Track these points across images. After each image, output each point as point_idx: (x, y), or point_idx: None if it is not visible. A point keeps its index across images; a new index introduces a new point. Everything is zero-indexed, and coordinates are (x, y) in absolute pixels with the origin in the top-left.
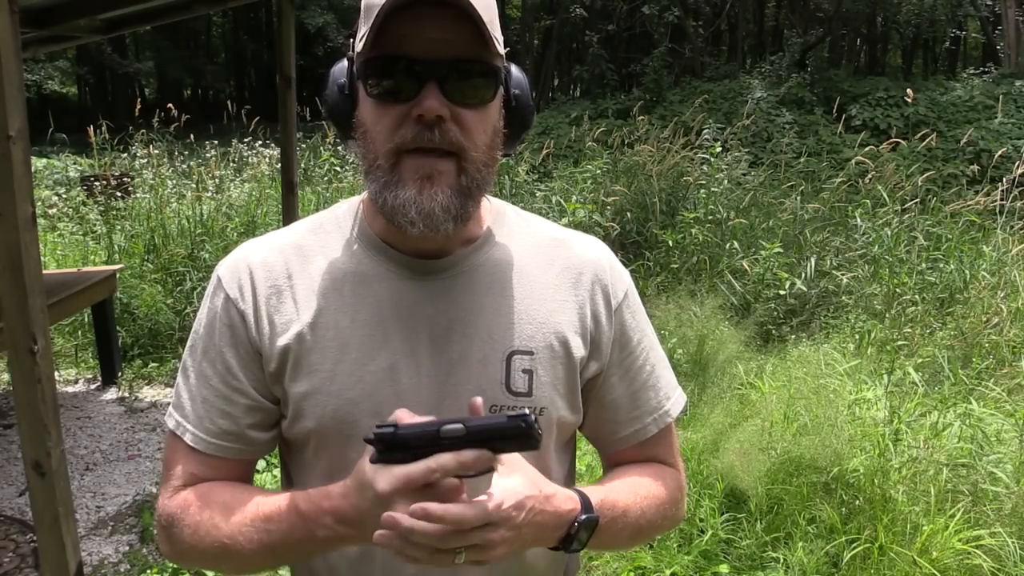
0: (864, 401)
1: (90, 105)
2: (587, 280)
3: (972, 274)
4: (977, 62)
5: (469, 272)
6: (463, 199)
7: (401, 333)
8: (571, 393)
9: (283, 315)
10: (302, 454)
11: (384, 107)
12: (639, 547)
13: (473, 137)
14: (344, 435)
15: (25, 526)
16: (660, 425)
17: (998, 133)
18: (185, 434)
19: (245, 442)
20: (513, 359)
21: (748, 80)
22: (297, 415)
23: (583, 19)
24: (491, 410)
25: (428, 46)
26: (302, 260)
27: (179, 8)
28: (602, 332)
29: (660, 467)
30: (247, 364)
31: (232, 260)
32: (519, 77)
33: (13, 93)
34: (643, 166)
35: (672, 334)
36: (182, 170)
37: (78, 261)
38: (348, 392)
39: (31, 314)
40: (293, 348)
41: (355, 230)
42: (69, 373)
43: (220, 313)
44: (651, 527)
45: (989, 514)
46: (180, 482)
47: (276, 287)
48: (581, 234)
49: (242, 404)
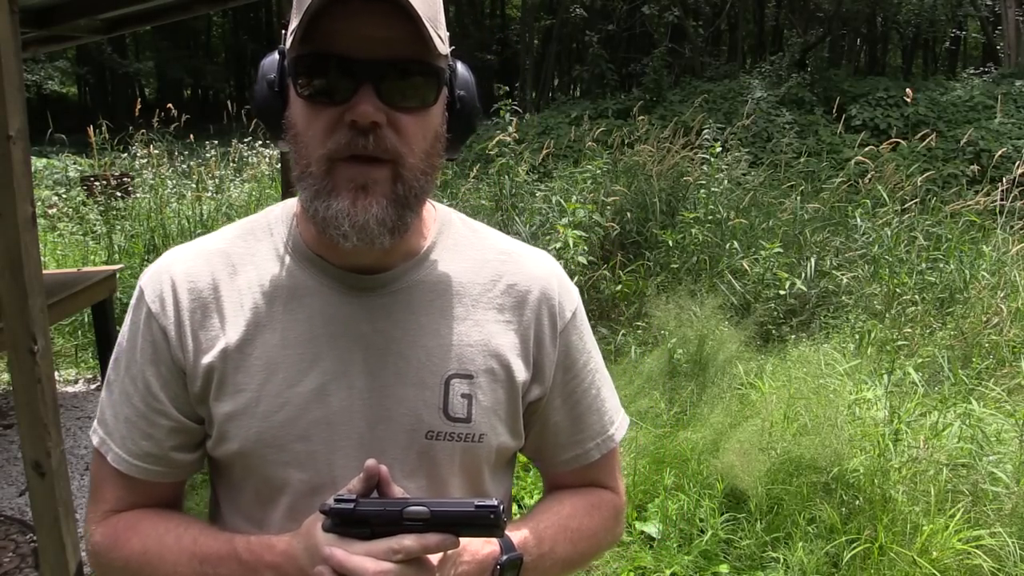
0: (864, 401)
1: (90, 105)
2: (533, 299)
3: (972, 274)
4: (977, 62)
5: (409, 289)
6: (400, 210)
7: (333, 352)
8: (512, 419)
9: (208, 331)
10: (229, 475)
11: (316, 109)
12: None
13: (411, 143)
14: (268, 460)
15: (25, 526)
16: (603, 450)
17: (998, 133)
18: (108, 453)
19: (169, 464)
20: (452, 383)
21: (748, 80)
22: (221, 437)
23: (583, 19)
24: (427, 436)
25: (363, 44)
26: (230, 271)
27: (179, 8)
28: (545, 355)
29: (598, 492)
30: (169, 384)
31: (155, 270)
32: (465, 76)
33: (13, 93)
34: (643, 166)
35: (672, 334)
36: (182, 170)
37: (78, 261)
38: (274, 415)
39: (31, 314)
40: (218, 367)
41: (288, 239)
42: (69, 373)
43: (142, 328)
44: (583, 558)
45: (989, 514)
46: (109, 506)
47: (201, 301)
48: (530, 248)
49: (164, 426)
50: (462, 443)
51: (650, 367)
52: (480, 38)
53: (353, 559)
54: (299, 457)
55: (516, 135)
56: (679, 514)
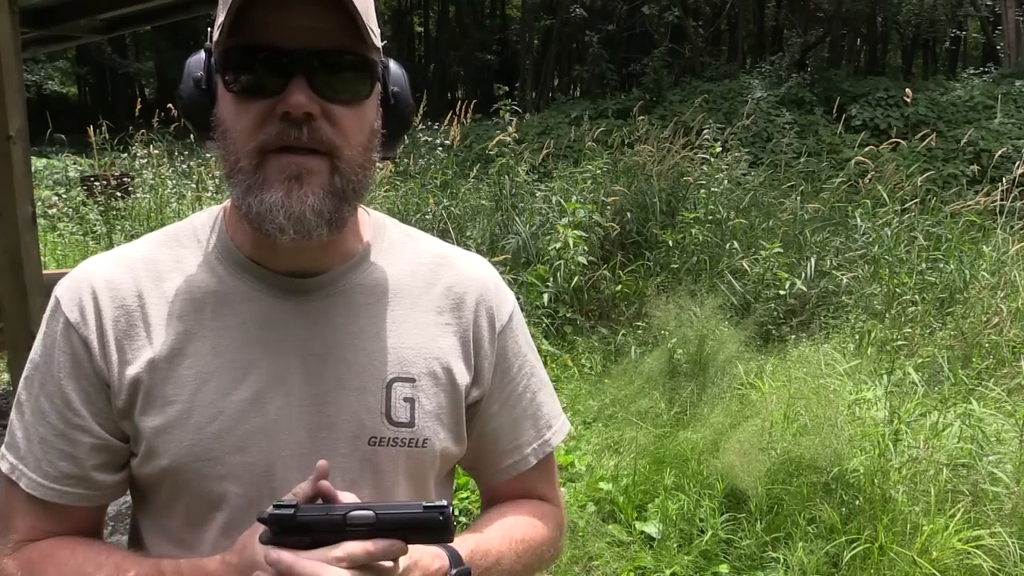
0: (864, 401)
1: (90, 105)
2: (471, 301)
3: (972, 274)
4: (977, 62)
5: (346, 292)
6: (337, 202)
7: (269, 359)
8: (455, 423)
9: (133, 342)
10: (155, 497)
11: (245, 103)
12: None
13: (347, 136)
14: (203, 474)
15: None
16: (540, 455)
17: (998, 133)
18: (21, 479)
19: (90, 486)
20: (394, 387)
21: (748, 80)
22: (149, 453)
23: (583, 19)
24: (370, 442)
25: (294, 35)
26: (154, 278)
27: (179, 8)
28: (484, 357)
29: (539, 505)
30: (91, 397)
31: (72, 279)
32: (398, 73)
33: (13, 93)
34: (643, 166)
35: (672, 334)
36: (182, 170)
37: (78, 261)
38: (208, 426)
39: (31, 314)
40: (144, 379)
41: (215, 244)
42: None
43: (59, 340)
44: (527, 571)
45: (989, 514)
46: (20, 536)
47: (125, 308)
48: (465, 251)
49: (85, 443)
50: (406, 448)
51: (650, 367)
52: (480, 38)
53: (305, 563)
54: (235, 470)
55: (516, 135)
56: (679, 514)
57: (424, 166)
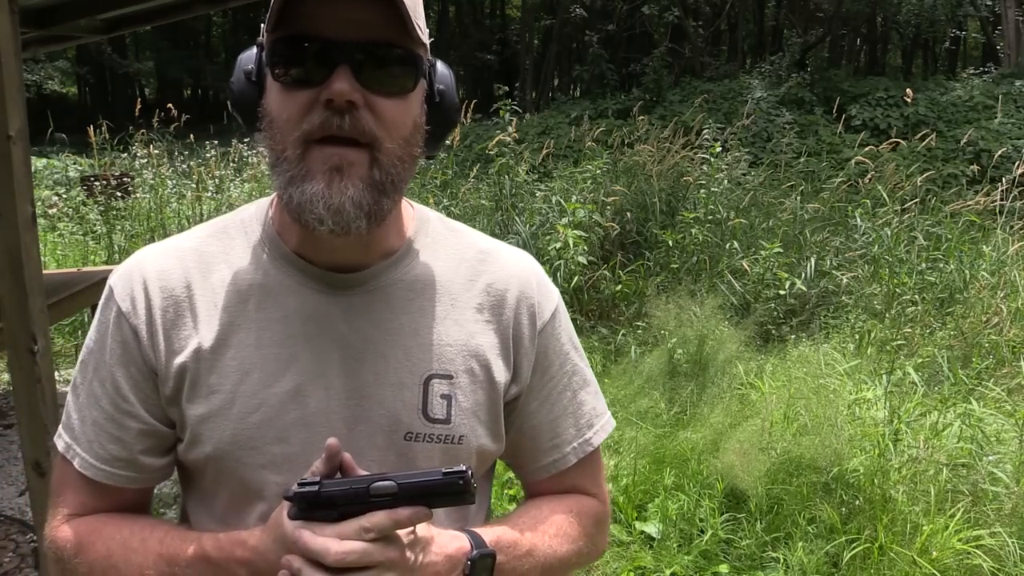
0: (864, 401)
1: (90, 105)
2: (512, 299)
3: (972, 274)
4: (977, 62)
5: (387, 288)
6: (376, 194)
7: (310, 352)
8: (493, 420)
9: (181, 331)
10: (200, 481)
11: (291, 93)
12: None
13: (389, 128)
14: (244, 463)
15: (25, 526)
16: (580, 455)
17: (998, 133)
18: (75, 458)
19: (137, 469)
20: (431, 383)
21: (748, 80)
22: (194, 440)
23: (583, 19)
24: (406, 437)
25: (341, 26)
26: (203, 269)
27: (179, 8)
28: (524, 355)
29: (579, 499)
30: (139, 385)
31: (126, 269)
32: (445, 73)
33: (13, 93)
34: (643, 166)
35: (672, 334)
36: (182, 170)
37: (78, 261)
38: (249, 416)
39: (31, 314)
40: (191, 368)
41: (261, 236)
42: (69, 373)
43: (112, 328)
44: (563, 564)
45: (989, 514)
46: (70, 510)
47: (174, 299)
48: (510, 247)
49: (134, 428)
50: (441, 444)
51: (650, 367)
52: (480, 38)
53: (317, 540)
54: (276, 459)
55: (516, 135)
56: (679, 514)
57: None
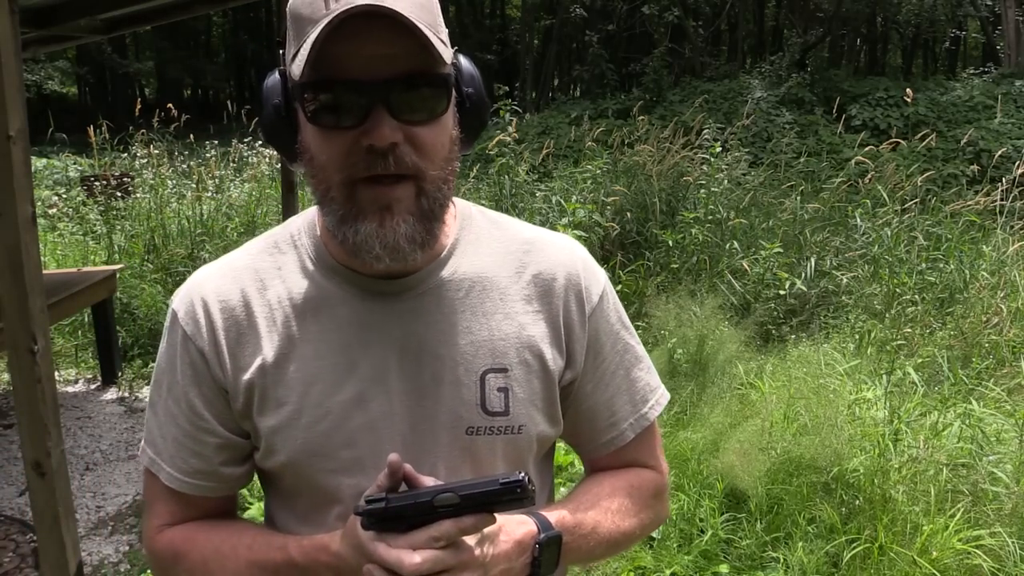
0: (864, 401)
1: (90, 105)
2: (560, 286)
3: (972, 274)
4: (977, 62)
5: (436, 289)
6: (427, 223)
7: (368, 359)
8: (550, 406)
9: (244, 348)
10: (280, 485)
11: (329, 135)
12: (622, 552)
13: (429, 154)
14: (316, 468)
15: (25, 526)
16: (637, 430)
17: (998, 133)
18: (160, 472)
19: (219, 479)
20: (487, 378)
21: (748, 80)
22: (269, 450)
23: (583, 19)
24: (467, 432)
25: (369, 65)
26: (259, 286)
27: (179, 8)
28: (576, 340)
29: (638, 473)
30: (212, 402)
31: (186, 292)
32: (470, 71)
33: (13, 93)
34: (643, 166)
35: (672, 334)
36: (182, 170)
37: (78, 261)
38: (317, 425)
39: (31, 314)
40: (257, 383)
41: (311, 249)
42: (69, 373)
43: (179, 351)
44: (627, 538)
45: (989, 514)
46: (163, 521)
47: (234, 319)
48: (553, 234)
49: (212, 443)
50: (502, 435)
51: None
52: (480, 38)
53: (392, 552)
54: (346, 464)
55: (516, 135)
56: (679, 514)
57: None
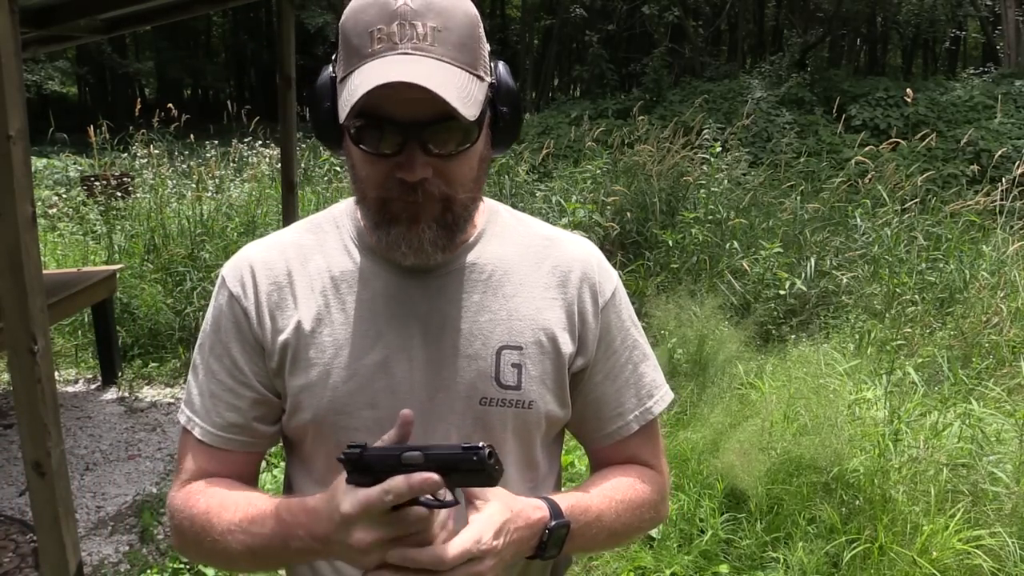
0: (864, 401)
1: (90, 105)
2: (575, 278)
3: (972, 274)
4: (977, 62)
5: (462, 270)
6: (451, 232)
7: (395, 329)
8: (559, 388)
9: (283, 312)
10: (301, 447)
11: (369, 159)
12: (621, 547)
13: (457, 182)
14: (339, 426)
15: (25, 526)
16: (642, 422)
17: (998, 133)
18: (195, 428)
19: (251, 434)
20: (503, 353)
21: (748, 80)
22: (295, 408)
23: (583, 19)
24: (481, 402)
25: (406, 106)
26: (301, 259)
27: (179, 8)
28: (588, 329)
29: (642, 471)
30: (252, 358)
31: (235, 260)
32: (508, 87)
33: (13, 93)
34: (643, 166)
35: (672, 334)
36: (182, 170)
37: (78, 261)
38: (343, 385)
39: (31, 314)
40: (292, 344)
41: (351, 230)
42: (69, 373)
43: (225, 310)
44: (628, 530)
45: (989, 514)
46: (188, 476)
47: (277, 284)
48: (571, 234)
49: (248, 397)
50: (513, 408)
51: None
52: None
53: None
54: (367, 423)
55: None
56: (679, 514)
57: None
